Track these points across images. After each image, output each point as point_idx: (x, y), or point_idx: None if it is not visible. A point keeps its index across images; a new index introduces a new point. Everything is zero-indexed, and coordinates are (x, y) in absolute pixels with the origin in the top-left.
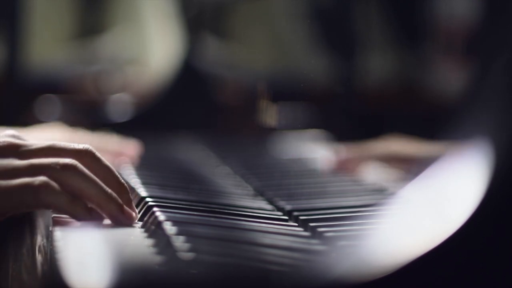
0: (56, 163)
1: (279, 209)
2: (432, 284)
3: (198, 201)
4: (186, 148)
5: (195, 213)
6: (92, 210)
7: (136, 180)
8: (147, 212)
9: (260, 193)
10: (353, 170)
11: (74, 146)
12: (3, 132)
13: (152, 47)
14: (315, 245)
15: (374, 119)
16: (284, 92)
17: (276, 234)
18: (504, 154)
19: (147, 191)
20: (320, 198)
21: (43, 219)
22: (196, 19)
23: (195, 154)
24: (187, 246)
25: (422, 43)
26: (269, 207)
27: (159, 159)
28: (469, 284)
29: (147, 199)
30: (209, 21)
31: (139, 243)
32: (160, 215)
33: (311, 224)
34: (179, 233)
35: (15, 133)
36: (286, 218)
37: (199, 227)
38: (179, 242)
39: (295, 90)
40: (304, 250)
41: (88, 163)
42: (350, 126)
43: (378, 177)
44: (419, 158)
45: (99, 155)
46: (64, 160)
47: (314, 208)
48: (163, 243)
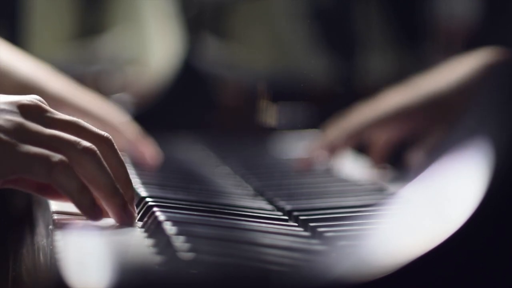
0: (78, 143)
1: (279, 209)
2: (432, 284)
3: (198, 201)
4: (186, 148)
5: (195, 213)
6: (97, 206)
7: (136, 180)
8: (147, 212)
9: (260, 193)
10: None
11: (96, 130)
12: (31, 95)
13: (152, 47)
14: (315, 245)
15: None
16: (284, 92)
17: (276, 234)
18: (504, 154)
19: (147, 191)
20: (320, 198)
21: (43, 219)
22: (196, 19)
23: (195, 154)
24: (187, 246)
25: (422, 43)
26: (269, 207)
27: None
28: (469, 284)
29: (147, 199)
30: (209, 21)
31: (139, 243)
32: (160, 215)
33: (311, 224)
34: (179, 233)
35: (41, 99)
36: (286, 218)
37: (199, 227)
38: (179, 242)
39: (295, 90)
40: (304, 250)
41: (104, 151)
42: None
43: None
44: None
45: (116, 147)
46: (86, 143)
47: (314, 208)
48: (163, 243)
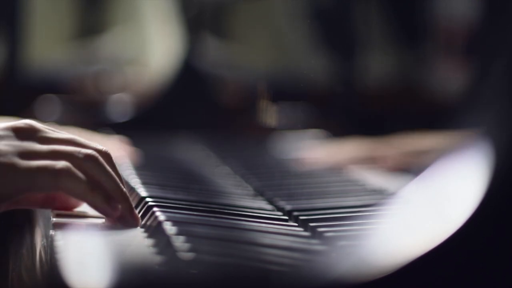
0: (78, 151)
1: (279, 209)
2: (432, 284)
3: (198, 201)
4: (186, 148)
5: (195, 213)
6: (112, 200)
7: (136, 180)
8: (147, 212)
9: (260, 193)
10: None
11: (93, 144)
12: (23, 120)
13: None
14: (315, 245)
15: (374, 119)
16: (284, 92)
17: (276, 234)
18: (504, 154)
19: (147, 191)
20: (320, 198)
21: (43, 219)
22: (196, 19)
23: (195, 154)
24: (187, 246)
25: (422, 43)
26: (269, 207)
27: (159, 159)
28: (469, 284)
29: (147, 199)
30: (209, 21)
31: (139, 243)
32: (160, 215)
33: (311, 224)
34: (179, 233)
35: (34, 121)
36: (286, 218)
37: (199, 227)
38: (179, 242)
39: (295, 90)
40: (304, 250)
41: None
42: (350, 126)
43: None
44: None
45: (115, 161)
46: (86, 150)
47: (314, 208)
48: (163, 243)
